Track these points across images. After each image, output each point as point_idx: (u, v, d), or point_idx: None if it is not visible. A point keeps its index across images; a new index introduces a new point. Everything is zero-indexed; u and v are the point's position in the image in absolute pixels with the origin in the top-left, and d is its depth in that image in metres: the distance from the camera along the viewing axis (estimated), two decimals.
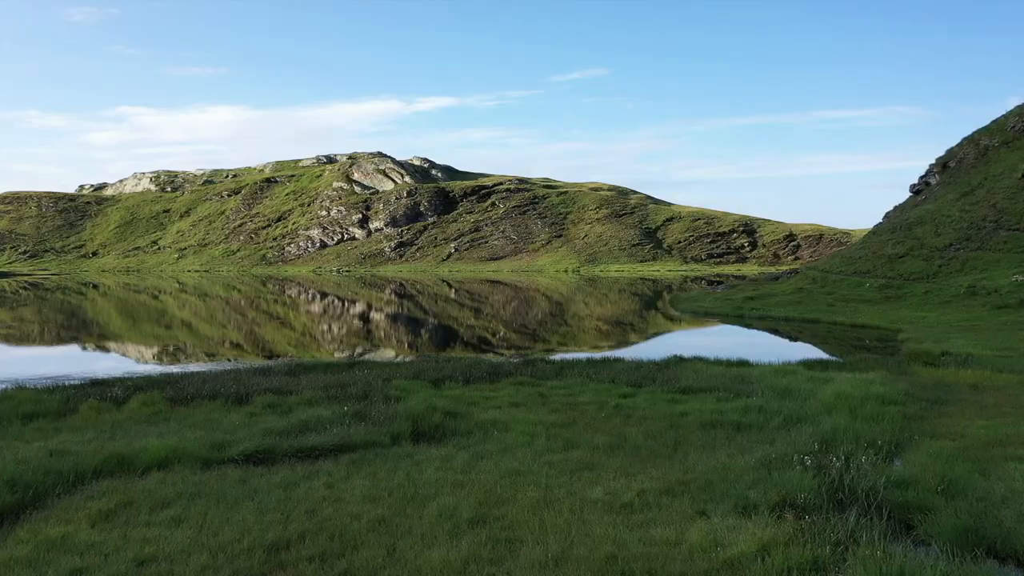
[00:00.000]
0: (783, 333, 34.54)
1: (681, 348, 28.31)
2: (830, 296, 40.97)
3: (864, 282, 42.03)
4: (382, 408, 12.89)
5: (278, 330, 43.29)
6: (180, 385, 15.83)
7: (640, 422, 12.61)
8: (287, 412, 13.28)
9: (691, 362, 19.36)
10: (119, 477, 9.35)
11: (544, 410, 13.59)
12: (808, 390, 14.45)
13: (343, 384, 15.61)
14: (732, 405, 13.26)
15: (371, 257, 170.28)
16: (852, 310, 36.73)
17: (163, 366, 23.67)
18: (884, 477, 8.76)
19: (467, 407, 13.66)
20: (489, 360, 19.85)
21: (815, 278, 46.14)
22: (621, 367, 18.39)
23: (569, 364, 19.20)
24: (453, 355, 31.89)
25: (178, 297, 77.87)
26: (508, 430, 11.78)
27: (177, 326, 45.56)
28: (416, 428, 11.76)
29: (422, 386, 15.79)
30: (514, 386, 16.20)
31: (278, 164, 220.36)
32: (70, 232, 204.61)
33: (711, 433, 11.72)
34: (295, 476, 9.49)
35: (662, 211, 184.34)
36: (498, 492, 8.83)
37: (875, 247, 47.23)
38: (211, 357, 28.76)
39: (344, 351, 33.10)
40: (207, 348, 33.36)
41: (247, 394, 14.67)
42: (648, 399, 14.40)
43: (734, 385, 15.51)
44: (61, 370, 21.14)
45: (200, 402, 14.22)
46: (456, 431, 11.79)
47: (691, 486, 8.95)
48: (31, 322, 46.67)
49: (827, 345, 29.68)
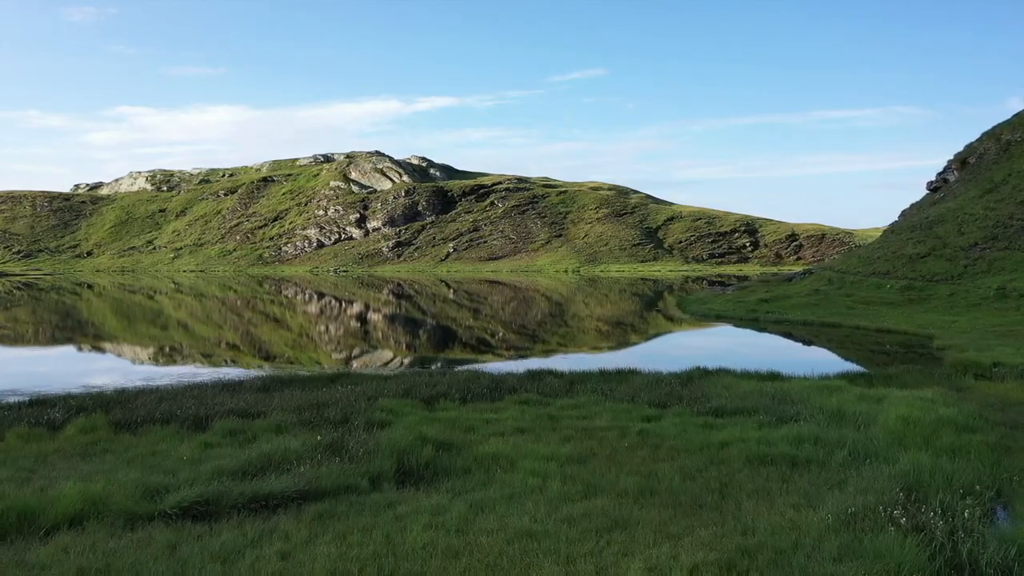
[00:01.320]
0: (801, 337, 32.43)
1: (697, 356, 26.22)
2: (849, 298, 38.81)
3: (884, 283, 39.88)
4: (362, 438, 10.74)
5: (273, 331, 41.15)
6: (132, 405, 13.69)
7: (672, 455, 10.49)
8: (249, 441, 11.16)
9: (717, 375, 17.20)
10: (9, 543, 7.21)
11: (555, 438, 11.48)
12: (864, 413, 12.32)
13: (320, 404, 13.46)
14: (779, 433, 11.13)
15: (368, 257, 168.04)
16: (874, 313, 34.56)
17: (129, 377, 21.51)
18: (1015, 547, 6.65)
19: (464, 434, 11.55)
20: (489, 373, 17.71)
21: (831, 279, 43.95)
22: (639, 381, 16.25)
23: (580, 378, 17.07)
24: (451, 357, 29.91)
25: (173, 297, 75.84)
26: (514, 467, 9.66)
27: (166, 328, 43.39)
28: (401, 465, 9.62)
29: (412, 407, 13.66)
30: (519, 405, 14.07)
31: (275, 163, 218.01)
32: (65, 232, 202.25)
33: (761, 472, 9.60)
34: (242, 539, 7.35)
35: (663, 211, 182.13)
36: (505, 566, 6.71)
37: (894, 246, 45.02)
38: (191, 363, 26.63)
39: (340, 352, 30.98)
40: (190, 354, 31.22)
41: (207, 417, 12.56)
42: (677, 424, 12.29)
43: (774, 406, 13.38)
44: (11, 382, 19.01)
45: (150, 427, 12.10)
46: (451, 469, 9.65)
47: (758, 558, 6.81)
48: (18, 322, 44.49)
49: (855, 352, 27.53)
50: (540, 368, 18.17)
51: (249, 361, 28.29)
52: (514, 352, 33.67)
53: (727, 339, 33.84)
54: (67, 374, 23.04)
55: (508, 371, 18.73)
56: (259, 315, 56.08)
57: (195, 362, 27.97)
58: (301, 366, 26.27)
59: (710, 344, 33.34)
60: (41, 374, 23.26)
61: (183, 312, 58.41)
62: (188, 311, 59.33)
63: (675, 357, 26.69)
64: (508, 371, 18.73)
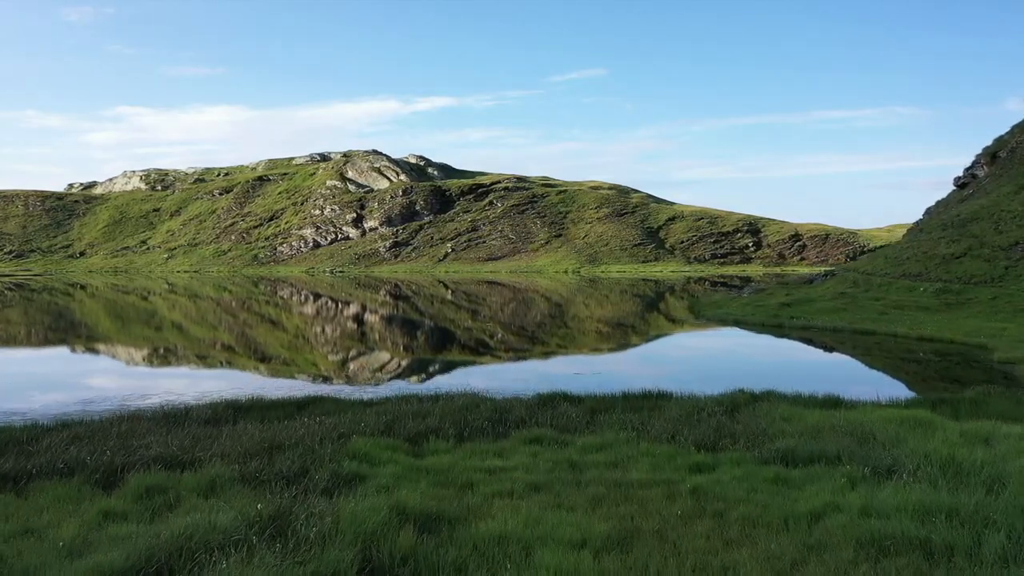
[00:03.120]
0: (833, 345, 29.44)
1: (728, 368, 23.36)
2: (879, 302, 35.75)
3: (917, 286, 36.88)
4: (319, 508, 7.75)
5: (269, 332, 38.21)
6: (35, 448, 10.71)
7: (747, 534, 7.54)
8: (168, 508, 8.22)
9: (768, 401, 14.15)
10: None
11: (582, 500, 8.54)
12: (987, 462, 9.34)
13: (275, 446, 10.49)
14: (888, 498, 8.15)
15: (365, 257, 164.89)
16: (911, 319, 31.53)
17: (72, 396, 18.52)
18: None
19: (459, 497, 8.59)
20: (492, 399, 14.68)
21: (856, 281, 40.91)
22: (675, 411, 13.24)
23: (601, 404, 14.08)
24: (449, 358, 27.18)
25: (167, 298, 73.04)
26: (530, 562, 6.70)
27: (148, 332, 40.36)
28: (368, 560, 6.65)
29: (393, 450, 10.68)
30: (529, 446, 11.12)
31: (271, 162, 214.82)
32: (57, 231, 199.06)
33: (885, 567, 6.65)
34: None
35: (664, 210, 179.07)
36: None
37: (925, 246, 41.92)
38: (151, 379, 23.67)
39: (337, 353, 28.04)
40: (156, 364, 28.24)
41: (124, 467, 9.58)
42: (739, 476, 9.33)
43: (858, 448, 10.41)
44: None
45: (44, 483, 9.13)
46: (439, 566, 6.68)
47: None
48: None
49: (902, 366, 24.45)
50: (552, 391, 15.17)
51: (223, 371, 25.34)
52: (513, 354, 31.24)
53: (754, 348, 30.96)
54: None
55: (514, 393, 15.76)
56: (255, 315, 53.40)
57: (156, 377, 25.02)
58: (278, 378, 23.35)
59: (735, 352, 30.45)
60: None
61: (177, 313, 55.43)
62: (181, 312, 56.34)
63: (705, 372, 23.84)
64: (514, 393, 15.76)
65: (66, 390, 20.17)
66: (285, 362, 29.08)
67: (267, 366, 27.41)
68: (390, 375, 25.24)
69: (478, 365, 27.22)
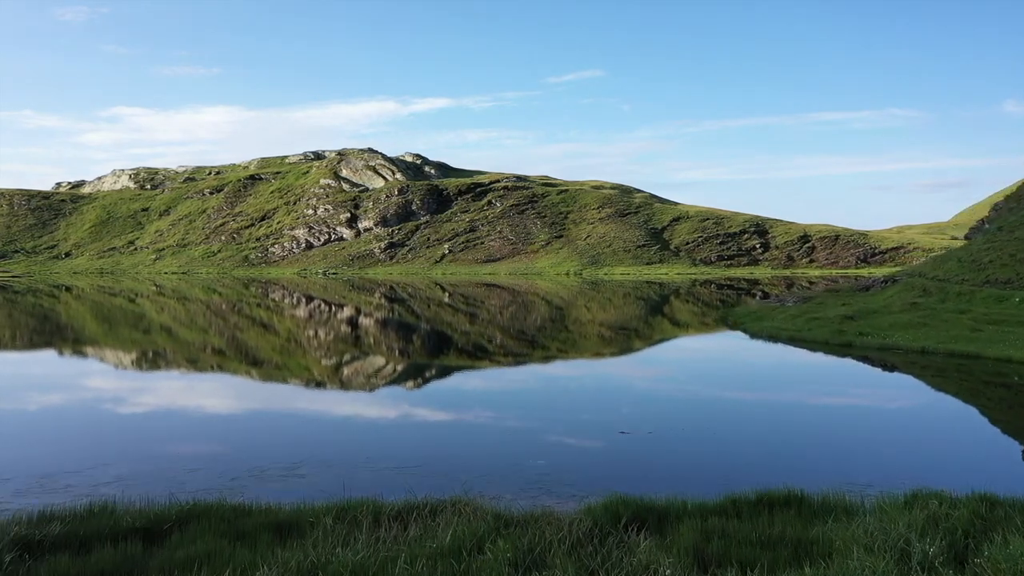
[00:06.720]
0: (929, 375, 24.12)
1: (848, 422, 18.02)
2: (965, 315, 30.44)
3: (1010, 295, 31.63)
4: None
5: (262, 336, 33.04)
6: None
7: None
8: None
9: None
10: None
11: None
12: None
13: None
14: None
15: (360, 258, 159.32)
16: (1018, 337, 26.27)
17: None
18: None
19: None
20: (507, 514, 9.19)
21: (927, 288, 35.58)
22: (853, 551, 7.86)
23: (706, 530, 8.66)
24: (446, 363, 20.87)
25: (155, 300, 67.88)
26: None
27: (133, 338, 35.02)
28: None
29: None
30: None
31: (263, 161, 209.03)
32: (43, 231, 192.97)
33: None
34: None
35: (668, 210, 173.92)
36: None
37: (1010, 247, 36.52)
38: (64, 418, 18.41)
39: (330, 358, 22.74)
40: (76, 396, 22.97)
41: None
42: None
43: None
44: None
45: None
46: None
47: None
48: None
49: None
50: (611, 495, 9.48)
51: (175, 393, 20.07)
52: (512, 358, 26.40)
53: (860, 387, 24.14)
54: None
55: (546, 507, 10.13)
56: (247, 319, 48.30)
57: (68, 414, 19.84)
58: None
59: (834, 388, 25.26)
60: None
61: (165, 316, 50.15)
62: (172, 314, 51.03)
63: (825, 434, 18.64)
64: (546, 507, 10.13)
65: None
66: (263, 362, 23.80)
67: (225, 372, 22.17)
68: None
69: (478, 367, 22.26)
